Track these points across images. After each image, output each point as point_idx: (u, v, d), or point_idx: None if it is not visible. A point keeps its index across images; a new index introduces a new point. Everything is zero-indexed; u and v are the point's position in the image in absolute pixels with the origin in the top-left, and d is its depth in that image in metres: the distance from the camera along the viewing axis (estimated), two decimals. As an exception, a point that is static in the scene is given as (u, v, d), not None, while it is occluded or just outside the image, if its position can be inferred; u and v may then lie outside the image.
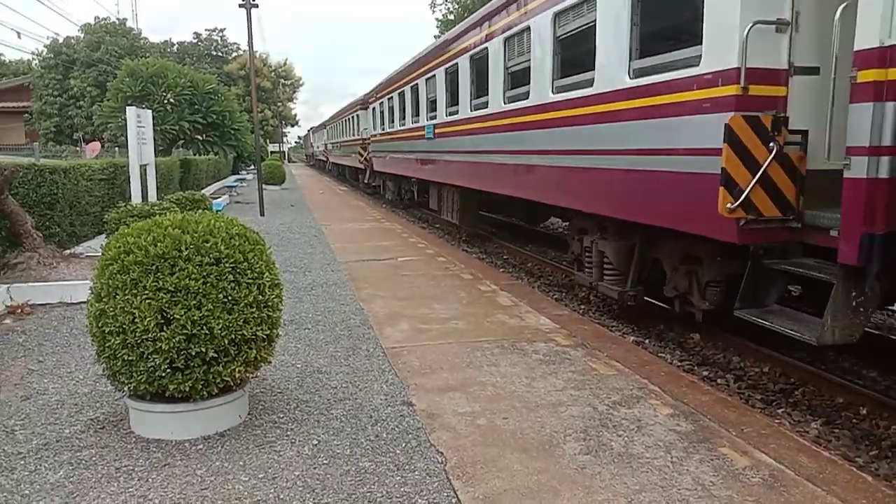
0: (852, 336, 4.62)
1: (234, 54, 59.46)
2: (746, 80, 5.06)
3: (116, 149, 17.71)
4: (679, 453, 3.90)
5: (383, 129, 21.20)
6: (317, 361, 5.63)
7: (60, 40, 42.59)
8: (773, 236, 5.17)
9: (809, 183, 5.06)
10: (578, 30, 7.64)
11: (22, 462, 3.84)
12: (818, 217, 4.90)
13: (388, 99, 20.07)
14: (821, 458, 3.90)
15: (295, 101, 71.16)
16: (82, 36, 42.44)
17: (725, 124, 5.03)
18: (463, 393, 4.87)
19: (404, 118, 17.98)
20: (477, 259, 11.82)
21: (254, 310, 4.08)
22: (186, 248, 3.93)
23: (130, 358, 3.87)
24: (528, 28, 8.89)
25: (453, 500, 3.42)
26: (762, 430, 4.25)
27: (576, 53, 7.69)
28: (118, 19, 43.35)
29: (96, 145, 26.43)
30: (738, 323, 6.25)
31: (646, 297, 7.56)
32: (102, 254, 4.16)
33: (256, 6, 18.20)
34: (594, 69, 7.18)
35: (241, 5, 18.11)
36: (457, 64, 12.60)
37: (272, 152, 60.99)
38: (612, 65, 6.80)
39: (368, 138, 24.38)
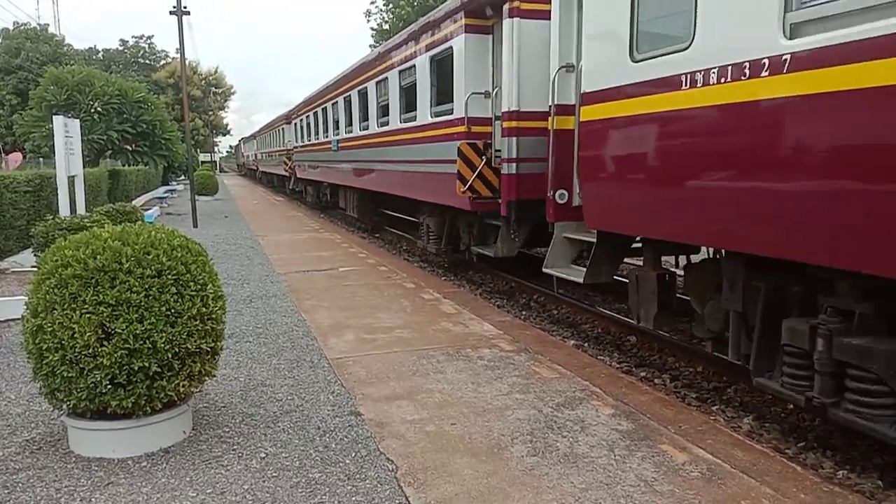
0: (511, 253, 9.16)
1: (163, 62, 58.10)
2: (469, 123, 9.11)
3: (41, 160, 17.05)
4: (622, 451, 4.04)
5: (303, 142, 24.70)
6: (260, 374, 5.57)
7: (-24, 46, 40.75)
8: (486, 206, 9.16)
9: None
10: (410, 83, 11.65)
11: (-47, 487, 3.69)
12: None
13: (307, 116, 23.53)
14: (754, 451, 4.11)
15: (226, 109, 69.91)
16: (1, 41, 40.69)
17: (458, 147, 9.06)
18: (411, 401, 4.90)
19: (318, 133, 21.46)
20: (419, 268, 11.87)
21: (197, 322, 4.02)
22: (127, 261, 3.85)
23: (70, 374, 3.76)
24: (387, 78, 13.04)
25: (406, 507, 3.45)
26: (699, 427, 4.44)
27: (410, 98, 11.78)
28: (39, 25, 41.74)
29: (18, 156, 25.40)
30: (670, 327, 6.55)
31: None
32: (39, 268, 4.03)
33: (188, 13, 17.87)
34: (416, 109, 11.29)
35: (172, 12, 17.74)
36: (350, 95, 16.39)
37: (203, 162, 59.71)
38: (424, 107, 10.94)
39: (292, 149, 27.39)
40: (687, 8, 4.84)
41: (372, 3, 42.22)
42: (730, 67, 4.45)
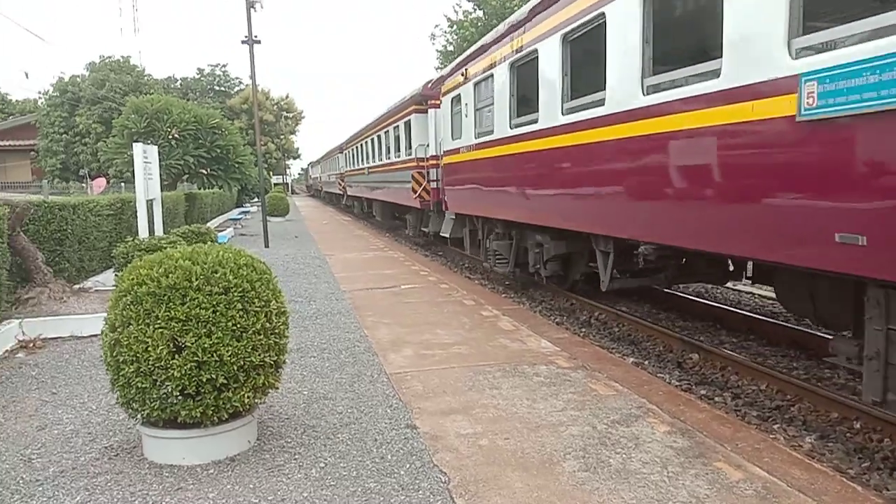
0: (436, 229, 16.12)
1: (237, 89, 60.19)
2: (417, 161, 16.57)
3: (123, 184, 17.97)
4: (675, 468, 4.03)
5: (349, 168, 33.45)
6: (323, 388, 5.77)
7: (66, 79, 43.25)
8: (426, 206, 16.44)
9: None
10: (394, 136, 20.07)
11: (40, 488, 3.98)
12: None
13: (351, 149, 32.38)
14: (813, 470, 4.02)
15: (297, 133, 71.81)
16: (87, 74, 43.07)
17: (411, 174, 16.70)
18: (465, 415, 5.00)
19: (357, 162, 29.94)
20: (479, 285, 11.98)
21: (261, 337, 4.23)
22: (196, 279, 4.10)
23: (144, 385, 4.03)
24: (387, 131, 21.35)
25: (456, 517, 3.54)
26: (756, 445, 4.37)
27: (394, 145, 20.26)
28: (122, 57, 43.93)
29: (102, 181, 26.78)
30: (733, 342, 6.46)
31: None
32: (116, 286, 4.33)
33: (259, 42, 18.60)
34: (393, 152, 20.40)
35: (243, 42, 18.51)
36: (371, 138, 24.97)
37: (276, 184, 61.46)
38: (398, 151, 19.41)
39: (344, 173, 36.04)
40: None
41: (436, 26, 42.95)
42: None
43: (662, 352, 7.58)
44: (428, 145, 16.21)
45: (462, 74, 12.38)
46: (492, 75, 10.58)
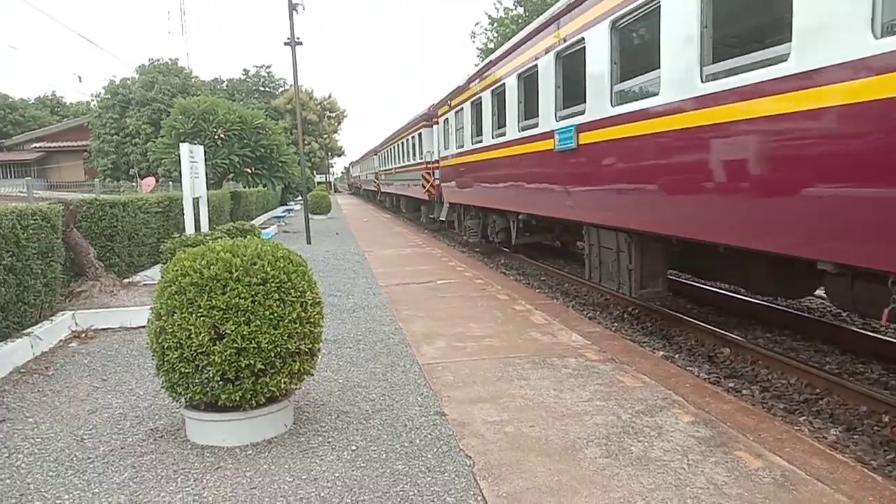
0: (441, 217, 20.08)
1: (281, 89, 61.28)
2: (426, 164, 21.91)
3: (171, 183, 18.57)
4: (695, 456, 4.12)
5: (382, 168, 39.44)
6: (357, 377, 5.98)
7: (117, 82, 44.66)
8: (433, 198, 21.26)
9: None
10: (409, 145, 26.33)
11: (91, 465, 4.27)
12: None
13: (381, 153, 39.04)
14: (833, 460, 4.07)
15: (340, 132, 72.73)
16: (137, 77, 44.41)
17: (421, 174, 22.47)
18: (493, 404, 5.15)
19: (386, 163, 36.73)
20: (514, 280, 12.11)
21: (297, 325, 4.45)
22: (236, 271, 4.34)
23: (187, 370, 4.28)
24: (403, 142, 27.84)
25: (479, 498, 3.70)
26: (779, 436, 4.42)
27: (408, 151, 26.74)
28: (171, 59, 45.20)
29: (151, 180, 27.61)
30: (767, 337, 6.47)
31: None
32: (161, 277, 4.60)
33: (300, 44, 19.00)
34: (407, 157, 27.05)
35: (286, 43, 18.92)
36: (395, 145, 31.20)
37: (319, 183, 62.38)
38: (411, 156, 25.93)
39: (379, 172, 41.24)
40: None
41: (476, 24, 43.11)
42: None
43: (694, 346, 7.62)
44: (432, 152, 21.59)
45: (448, 104, 17.99)
46: (462, 108, 16.11)
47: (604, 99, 7.91)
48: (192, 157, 12.20)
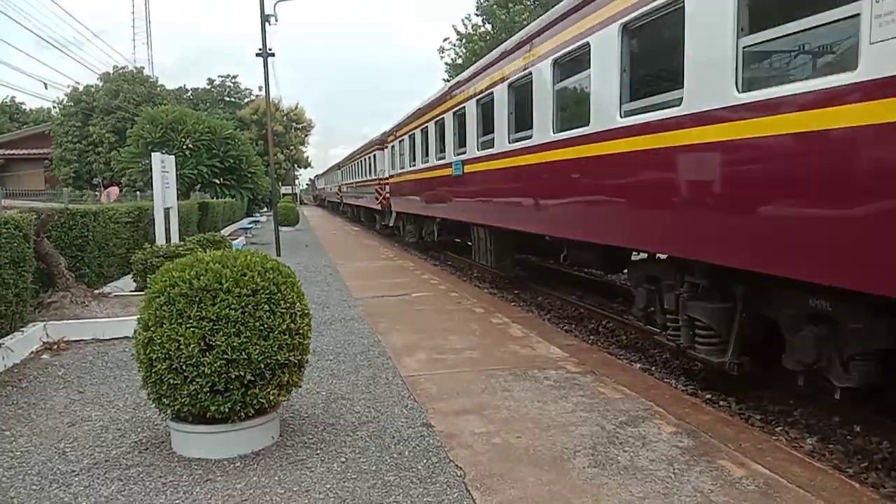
0: (390, 224, 24.84)
1: (247, 99, 60.78)
2: (378, 180, 25.53)
3: (137, 193, 18.29)
4: (681, 465, 4.21)
5: (343, 182, 43.11)
6: (340, 389, 5.98)
7: (80, 89, 43.88)
8: (385, 208, 24.67)
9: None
10: (364, 165, 30.63)
11: (76, 478, 4.20)
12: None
13: (343, 170, 43.51)
14: (813, 468, 4.21)
15: (306, 144, 72.37)
16: (101, 84, 43.70)
17: (375, 188, 26.41)
18: (478, 415, 5.20)
19: (345, 178, 41.17)
20: (489, 294, 12.18)
21: (287, 337, 4.46)
22: (226, 281, 4.33)
23: (175, 382, 4.25)
24: (359, 162, 33.07)
25: (473, 508, 3.74)
26: (759, 445, 4.55)
27: (364, 169, 31.28)
28: (136, 68, 44.63)
29: (115, 190, 27.11)
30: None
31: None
32: (148, 287, 4.56)
33: (273, 55, 18.95)
34: (363, 174, 31.51)
35: (258, 54, 18.85)
36: (354, 164, 35.40)
37: (284, 194, 61.88)
38: (367, 173, 29.95)
39: (341, 184, 44.42)
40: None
41: (445, 39, 43.41)
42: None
43: (669, 359, 7.76)
44: (384, 170, 24.91)
45: (393, 135, 22.27)
46: (402, 139, 20.29)
47: (475, 145, 12.44)
48: (163, 168, 12.09)
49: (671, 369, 7.40)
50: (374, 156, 27.14)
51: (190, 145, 20.96)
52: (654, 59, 6.92)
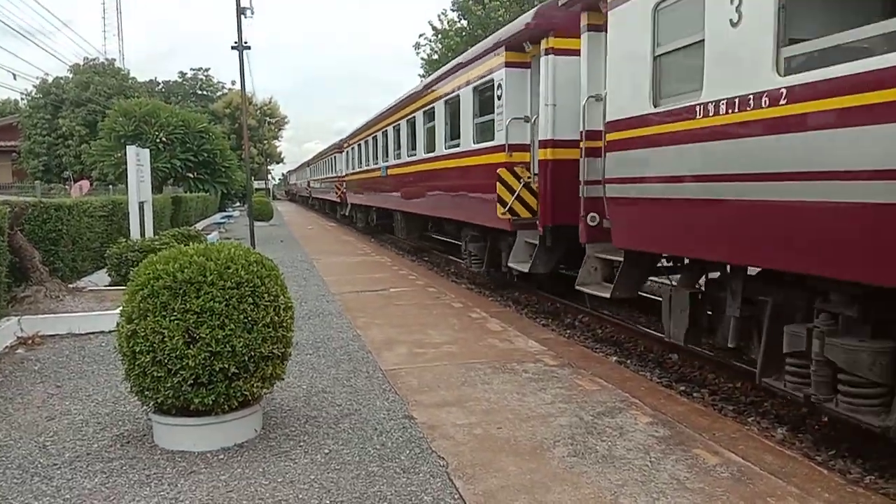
0: (346, 213, 30.11)
1: (220, 93, 60.14)
2: (338, 178, 30.91)
3: (110, 187, 18.06)
4: (657, 454, 4.33)
5: (313, 177, 46.54)
6: (321, 383, 6.02)
7: (49, 80, 43.07)
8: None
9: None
10: (330, 161, 36.07)
11: (58, 472, 4.20)
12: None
13: (312, 167, 47.50)
14: (784, 456, 4.36)
15: (280, 138, 71.86)
16: (71, 76, 42.95)
17: (334, 184, 32.07)
18: (459, 407, 5.27)
19: (317, 174, 43.47)
20: (466, 289, 12.27)
21: (270, 329, 4.49)
22: (210, 274, 4.35)
23: (159, 374, 4.26)
24: (328, 159, 36.04)
25: (456, 497, 3.82)
26: (732, 435, 4.70)
27: (329, 166, 35.97)
28: (107, 60, 43.94)
29: (85, 183, 26.72)
30: (712, 345, 6.81)
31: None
32: (132, 280, 4.56)
33: (248, 48, 18.82)
34: (329, 171, 36.01)
35: (233, 47, 18.70)
36: (322, 161, 39.58)
37: (258, 189, 61.35)
38: (332, 170, 34.28)
39: (310, 181, 48.72)
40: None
41: (421, 35, 43.31)
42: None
43: (643, 352, 7.91)
44: (342, 170, 29.01)
45: (348, 142, 27.08)
46: (353, 146, 25.28)
47: (390, 157, 18.05)
48: (138, 161, 11.97)
49: (646, 362, 7.55)
50: (335, 157, 32.19)
51: (164, 139, 20.68)
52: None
